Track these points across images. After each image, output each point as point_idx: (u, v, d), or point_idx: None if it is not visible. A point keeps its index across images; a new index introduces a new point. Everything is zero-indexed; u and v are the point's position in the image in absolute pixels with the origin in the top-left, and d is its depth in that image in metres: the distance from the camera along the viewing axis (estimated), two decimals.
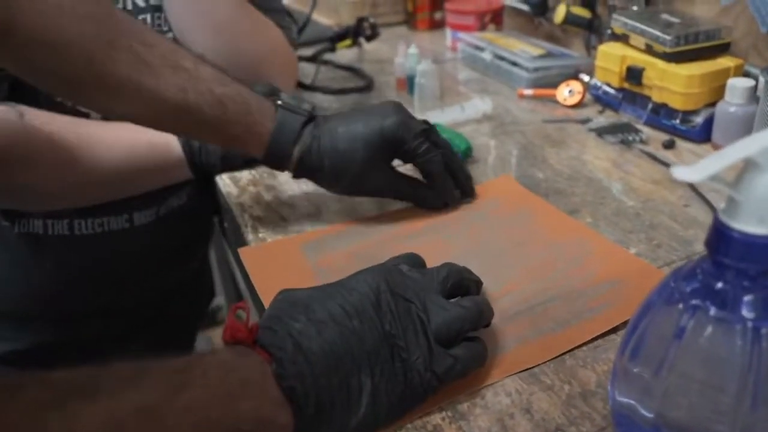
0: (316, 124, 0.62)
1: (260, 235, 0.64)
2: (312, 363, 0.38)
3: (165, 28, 0.75)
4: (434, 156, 0.63)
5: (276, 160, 0.61)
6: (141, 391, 0.33)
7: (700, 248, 0.59)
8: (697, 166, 0.30)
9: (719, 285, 0.33)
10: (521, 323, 0.50)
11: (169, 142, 0.70)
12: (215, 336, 1.67)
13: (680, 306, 0.34)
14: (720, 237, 0.32)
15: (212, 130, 0.58)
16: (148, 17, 0.74)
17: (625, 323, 0.49)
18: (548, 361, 0.46)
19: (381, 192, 0.66)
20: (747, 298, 0.32)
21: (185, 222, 0.83)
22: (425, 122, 0.64)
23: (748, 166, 0.31)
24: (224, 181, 0.75)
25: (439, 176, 0.65)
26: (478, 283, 0.50)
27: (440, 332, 0.43)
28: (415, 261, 0.49)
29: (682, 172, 0.30)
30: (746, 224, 0.31)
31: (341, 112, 0.64)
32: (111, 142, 0.67)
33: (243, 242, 0.65)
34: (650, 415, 0.36)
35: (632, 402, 0.38)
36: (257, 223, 0.67)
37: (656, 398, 0.36)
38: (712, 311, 0.33)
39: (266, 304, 0.50)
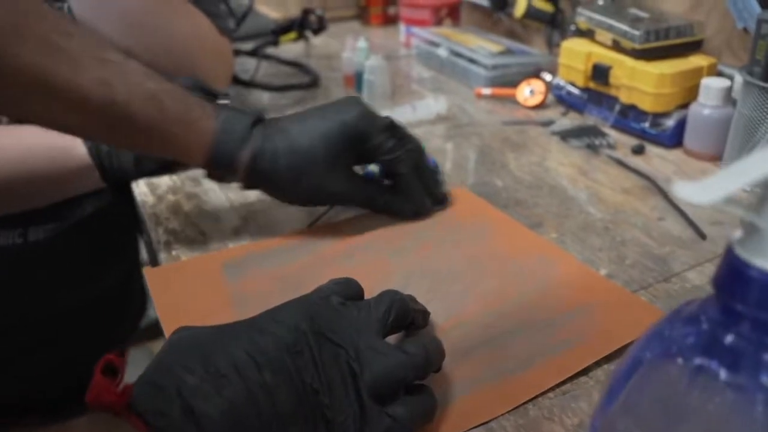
0: (266, 125, 0.54)
1: (174, 252, 0.55)
2: None
3: None
4: (402, 154, 0.55)
5: (221, 165, 0.52)
6: None
7: (677, 268, 0.52)
8: (707, 185, 0.23)
9: (730, 339, 0.25)
10: (475, 362, 0.42)
11: (72, 146, 0.60)
12: (156, 348, 1.55)
13: (680, 361, 0.26)
14: (735, 277, 0.24)
15: (145, 133, 0.49)
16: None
17: (597, 363, 0.42)
18: (507, 412, 0.38)
19: (342, 197, 0.58)
20: None
21: (96, 236, 0.73)
22: (389, 118, 0.56)
23: None
24: (140, 189, 0.65)
25: (408, 177, 0.57)
26: (425, 314, 0.42)
27: (376, 385, 0.34)
28: (349, 291, 0.40)
29: (689, 192, 0.22)
30: None
31: (295, 113, 0.56)
32: None
33: (156, 260, 0.56)
34: None
35: None
36: (172, 238, 0.57)
37: None
38: (722, 374, 0.25)
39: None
